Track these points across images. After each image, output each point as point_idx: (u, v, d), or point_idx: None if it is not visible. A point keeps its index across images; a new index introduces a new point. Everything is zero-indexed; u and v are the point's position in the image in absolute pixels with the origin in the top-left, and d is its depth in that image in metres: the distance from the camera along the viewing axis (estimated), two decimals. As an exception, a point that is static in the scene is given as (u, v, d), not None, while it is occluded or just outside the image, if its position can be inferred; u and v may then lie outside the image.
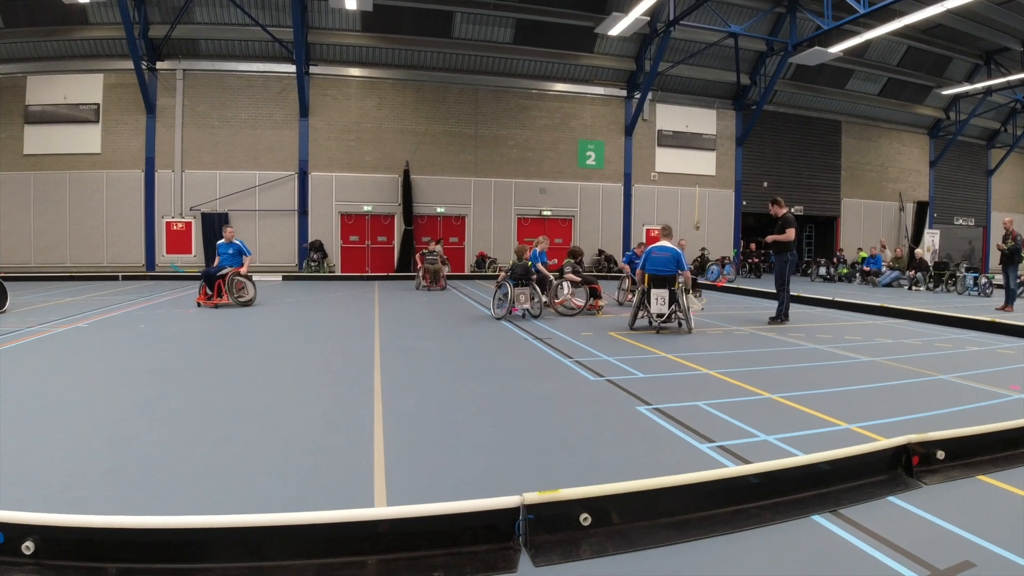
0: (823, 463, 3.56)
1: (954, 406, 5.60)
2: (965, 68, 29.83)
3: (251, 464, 4.04)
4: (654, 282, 10.06)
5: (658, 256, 10.20)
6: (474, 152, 25.82)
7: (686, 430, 4.81)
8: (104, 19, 21.92)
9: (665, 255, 10.16)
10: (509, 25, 24.52)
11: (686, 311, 10.09)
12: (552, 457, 4.26)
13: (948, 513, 3.33)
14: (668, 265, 10.07)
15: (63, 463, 3.99)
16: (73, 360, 7.63)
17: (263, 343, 9.25)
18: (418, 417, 5.16)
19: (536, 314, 11.77)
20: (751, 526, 3.19)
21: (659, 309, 9.91)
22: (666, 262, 10.10)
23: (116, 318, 11.32)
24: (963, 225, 34.20)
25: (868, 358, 8.07)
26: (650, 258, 10.27)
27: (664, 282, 10.00)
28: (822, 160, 30.45)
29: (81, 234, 22.94)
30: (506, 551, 2.87)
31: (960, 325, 11.19)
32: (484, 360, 7.96)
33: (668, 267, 10.05)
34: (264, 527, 2.71)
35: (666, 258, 10.13)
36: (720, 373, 6.99)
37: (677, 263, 10.10)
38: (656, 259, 10.19)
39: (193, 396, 5.84)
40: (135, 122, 22.98)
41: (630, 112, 27.06)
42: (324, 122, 24.33)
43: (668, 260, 10.11)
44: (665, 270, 10.04)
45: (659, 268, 10.08)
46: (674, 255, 10.14)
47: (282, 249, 24.23)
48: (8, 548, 2.63)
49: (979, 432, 4.12)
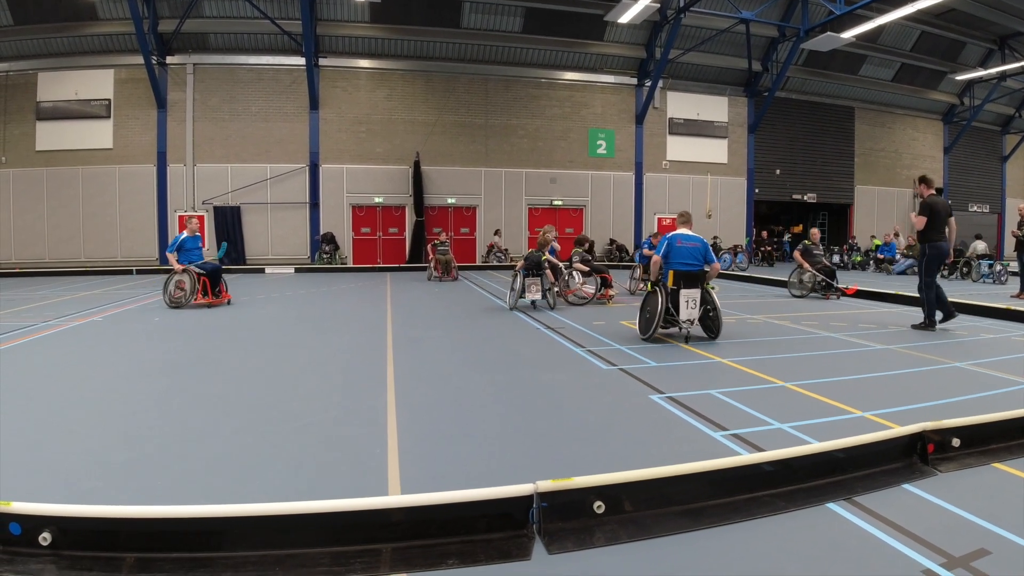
0: (838, 451, 3.55)
1: (969, 393, 5.56)
2: (979, 53, 29.47)
3: (266, 454, 4.07)
4: (683, 280, 8.12)
5: (685, 247, 8.27)
6: (484, 142, 25.77)
7: (699, 418, 4.80)
8: (114, 15, 21.99)
9: (694, 245, 8.28)
10: (518, 14, 24.42)
11: (717, 309, 8.27)
12: (565, 445, 4.26)
13: (963, 501, 3.31)
14: (697, 257, 8.27)
15: (80, 454, 4.03)
16: (89, 353, 7.70)
17: (276, 335, 9.31)
18: (431, 406, 5.18)
19: (551, 305, 11.57)
20: (765, 514, 3.18)
21: (690, 314, 8.05)
22: (695, 254, 8.26)
23: (131, 311, 11.40)
24: (978, 212, 33.85)
25: (882, 346, 8.02)
26: (675, 249, 8.29)
27: (695, 280, 8.16)
28: (835, 147, 30.19)
29: (95, 229, 23.10)
30: (520, 539, 2.88)
31: (975, 312, 11.09)
32: (496, 350, 7.97)
33: (698, 260, 8.27)
34: (279, 516, 2.72)
35: (695, 248, 8.27)
36: (733, 361, 6.96)
37: (707, 256, 8.35)
38: (683, 250, 8.25)
39: (208, 387, 5.89)
40: (146, 117, 23.08)
41: (641, 100, 26.91)
42: (334, 114, 24.35)
43: (697, 252, 8.27)
44: (695, 264, 8.24)
45: (688, 262, 8.21)
46: (703, 245, 8.34)
47: (294, 242, 24.32)
48: (25, 539, 2.66)
49: (994, 420, 4.09)
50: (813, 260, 13.90)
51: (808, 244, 14.23)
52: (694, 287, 8.10)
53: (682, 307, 8.01)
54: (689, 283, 8.11)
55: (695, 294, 8.06)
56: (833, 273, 13.90)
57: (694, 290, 8.07)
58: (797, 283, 14.07)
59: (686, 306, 8.01)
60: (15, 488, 3.41)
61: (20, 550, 2.66)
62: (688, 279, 8.13)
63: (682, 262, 8.21)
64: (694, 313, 8.06)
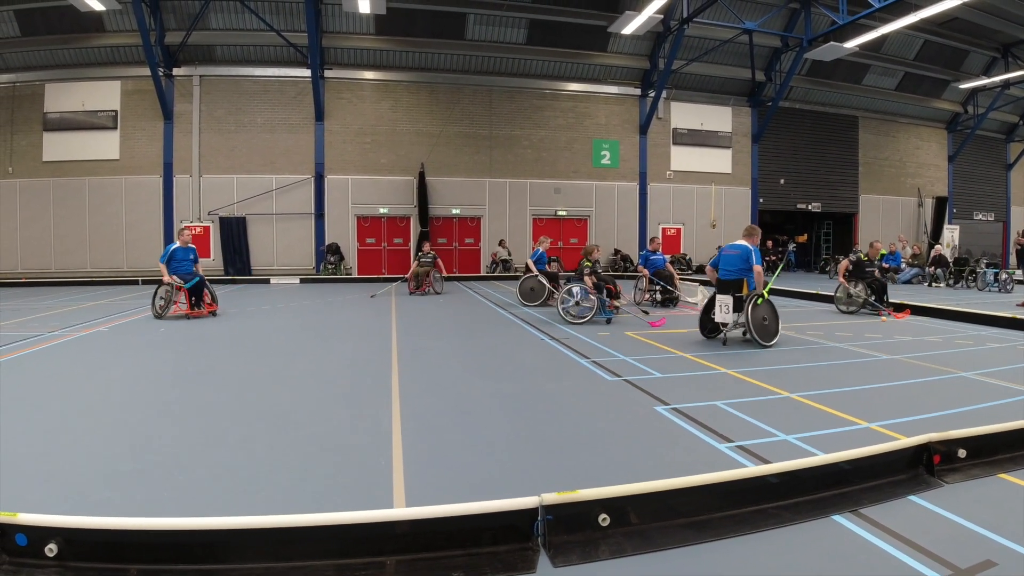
0: (843, 462, 3.54)
1: (975, 404, 5.54)
2: (982, 61, 29.45)
3: (271, 465, 4.08)
4: (722, 286, 8.86)
5: (727, 255, 9.04)
6: (489, 153, 25.83)
7: (704, 430, 4.79)
8: (120, 27, 22.13)
9: (734, 253, 8.92)
10: (522, 26, 24.51)
11: (748, 321, 8.57)
12: (570, 457, 4.26)
13: (970, 512, 3.30)
14: (735, 264, 8.83)
15: (86, 465, 4.05)
16: (95, 363, 7.72)
17: (281, 344, 9.32)
18: (436, 417, 5.18)
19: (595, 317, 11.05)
20: (771, 526, 3.17)
21: (722, 317, 8.67)
22: (733, 261, 8.87)
23: (137, 322, 11.43)
24: (983, 220, 33.76)
25: (888, 356, 8.00)
26: (721, 257, 9.15)
27: (729, 287, 8.75)
28: (839, 156, 30.13)
29: (101, 239, 23.19)
30: (525, 551, 2.88)
31: (981, 322, 11.06)
32: (500, 360, 7.97)
33: (734, 268, 8.82)
34: (284, 528, 2.73)
35: (734, 256, 8.89)
36: (738, 372, 6.95)
37: (747, 262, 8.77)
38: (725, 258, 9.02)
39: (213, 397, 5.90)
40: (153, 128, 23.20)
41: (644, 111, 26.95)
42: (339, 125, 24.45)
43: (736, 259, 8.85)
44: (731, 271, 8.84)
45: (728, 269, 8.90)
46: (743, 253, 8.82)
47: (299, 252, 24.37)
48: (31, 550, 2.67)
49: (1001, 430, 4.08)
50: (864, 275, 12.69)
51: (863, 258, 13.00)
52: (727, 293, 8.69)
53: (717, 310, 8.75)
54: (724, 289, 8.79)
55: (728, 300, 8.62)
56: (884, 288, 12.71)
57: (727, 296, 8.65)
58: (845, 298, 12.72)
59: (720, 309, 8.70)
60: (21, 499, 3.43)
61: (26, 561, 2.67)
62: (724, 286, 8.82)
63: (725, 269, 8.95)
64: (727, 317, 8.61)
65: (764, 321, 8.69)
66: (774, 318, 8.86)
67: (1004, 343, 9.00)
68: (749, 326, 8.54)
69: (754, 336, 8.53)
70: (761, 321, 8.63)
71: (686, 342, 9.03)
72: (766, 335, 8.65)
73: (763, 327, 8.64)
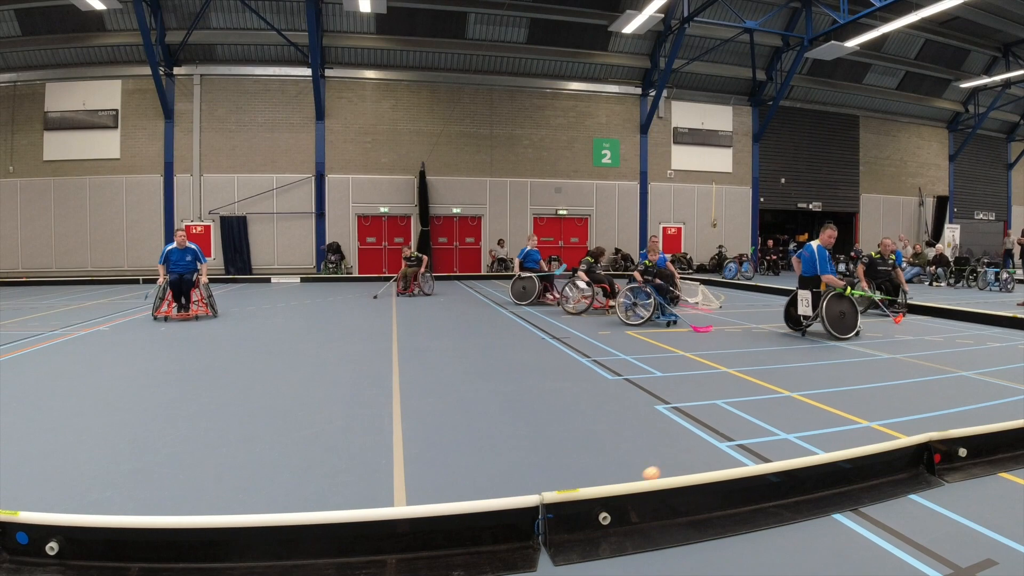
0: (844, 461, 3.54)
1: (976, 403, 5.54)
2: (983, 61, 29.44)
3: (272, 463, 4.08)
4: (800, 282, 9.67)
5: (803, 255, 9.74)
6: (489, 152, 25.83)
7: (705, 429, 4.79)
8: (121, 26, 22.14)
9: (805, 255, 9.67)
10: (523, 25, 24.50)
11: (823, 318, 9.11)
12: (571, 456, 4.26)
13: (970, 511, 3.30)
14: (806, 265, 9.59)
15: (87, 464, 4.05)
16: (96, 362, 7.73)
17: (282, 344, 9.32)
18: (436, 416, 5.18)
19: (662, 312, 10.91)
20: (771, 525, 3.17)
21: (803, 310, 9.47)
22: (806, 262, 9.61)
23: (137, 321, 11.44)
24: (983, 219, 33.75)
25: (889, 355, 8.00)
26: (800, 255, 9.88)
27: (808, 283, 9.49)
28: (840, 155, 30.12)
29: (101, 238, 23.20)
30: (526, 550, 2.88)
31: (981, 321, 11.05)
32: (501, 359, 7.97)
33: (809, 267, 9.52)
34: (285, 526, 2.73)
35: (805, 258, 9.64)
36: (739, 371, 6.95)
37: (813, 265, 9.46)
38: (802, 257, 9.77)
39: (214, 397, 5.91)
40: (153, 127, 23.21)
41: (645, 110, 26.94)
42: (340, 124, 24.45)
43: (806, 261, 9.61)
44: (807, 270, 9.56)
45: (805, 267, 9.60)
46: (810, 256, 9.55)
47: (300, 251, 24.38)
48: (32, 549, 2.67)
49: (1001, 429, 4.08)
50: (877, 274, 12.63)
51: (875, 257, 12.91)
52: (806, 288, 9.45)
53: (798, 304, 9.57)
54: (804, 284, 9.57)
55: (807, 295, 9.40)
56: (898, 289, 12.56)
57: (806, 291, 9.43)
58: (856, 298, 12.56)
59: (801, 303, 9.51)
60: (22, 497, 3.43)
61: (27, 559, 2.67)
62: (804, 281, 9.61)
63: (803, 269, 9.66)
64: (807, 310, 9.38)
65: (842, 315, 9.21)
66: (853, 313, 9.29)
67: (1005, 342, 8.99)
68: (823, 318, 9.07)
69: (827, 328, 9.08)
70: (838, 315, 9.18)
71: (686, 342, 9.04)
72: (842, 328, 9.15)
73: (839, 320, 9.17)
